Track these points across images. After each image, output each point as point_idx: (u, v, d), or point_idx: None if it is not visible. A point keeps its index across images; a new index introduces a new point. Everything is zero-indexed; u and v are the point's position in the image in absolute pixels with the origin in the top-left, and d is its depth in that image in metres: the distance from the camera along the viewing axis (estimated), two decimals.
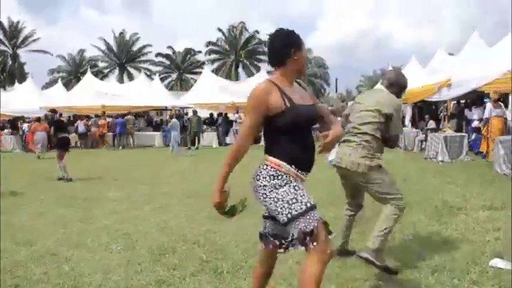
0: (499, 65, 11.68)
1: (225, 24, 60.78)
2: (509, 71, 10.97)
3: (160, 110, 29.07)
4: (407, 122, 18.38)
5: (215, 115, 24.46)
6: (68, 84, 42.17)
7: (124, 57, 54.85)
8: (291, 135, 2.69)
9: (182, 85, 53.29)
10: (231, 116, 23.16)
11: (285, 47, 2.67)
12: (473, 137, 13.84)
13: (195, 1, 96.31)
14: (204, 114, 24.00)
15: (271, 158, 2.75)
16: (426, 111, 18.98)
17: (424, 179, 9.34)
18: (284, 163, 2.69)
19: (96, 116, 23.07)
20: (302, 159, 2.73)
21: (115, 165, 14.08)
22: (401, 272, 3.84)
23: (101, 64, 55.53)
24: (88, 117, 23.51)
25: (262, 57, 55.04)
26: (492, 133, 11.41)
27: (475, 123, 14.38)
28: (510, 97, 12.71)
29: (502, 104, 12.27)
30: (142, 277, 3.90)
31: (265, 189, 2.73)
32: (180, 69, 56.14)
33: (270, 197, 2.70)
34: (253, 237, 4.95)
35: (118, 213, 6.56)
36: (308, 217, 2.62)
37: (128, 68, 55.64)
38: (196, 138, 20.37)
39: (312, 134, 2.88)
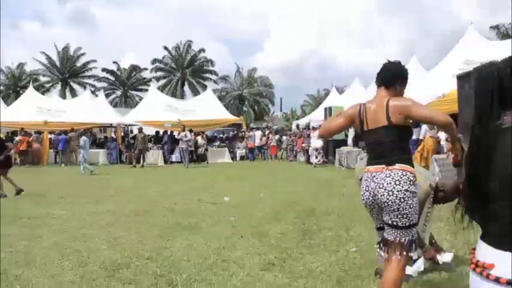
0: (435, 88, 12.41)
1: (171, 42, 60.92)
2: (444, 95, 11.68)
3: (105, 127, 28.60)
4: (349, 141, 19.06)
5: (161, 133, 24.37)
6: (6, 99, 40.57)
7: (67, 72, 53.47)
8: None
9: (127, 102, 52.63)
10: (177, 134, 23.11)
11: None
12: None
13: (141, 18, 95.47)
14: (149, 131, 23.83)
15: (408, 167, 3.01)
16: None
17: None
18: None
19: (38, 132, 22.37)
20: None
21: (58, 182, 13.76)
22: (345, 279, 4.09)
23: (43, 79, 53.71)
24: (26, 133, 22.56)
25: (207, 75, 55.43)
26: (426, 151, 12.10)
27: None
28: None
29: (435, 126, 13.01)
30: None
31: (412, 195, 2.95)
32: (125, 85, 55.38)
33: (410, 203, 2.94)
34: (203, 253, 5.13)
35: (66, 231, 6.47)
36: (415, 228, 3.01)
37: (71, 83, 54.26)
38: (142, 156, 20.17)
39: None
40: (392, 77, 3.30)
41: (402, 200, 2.92)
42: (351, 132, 19.33)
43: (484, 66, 1.64)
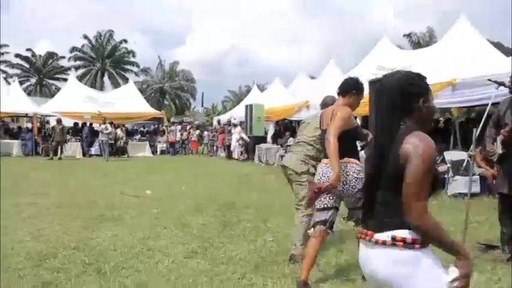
0: None
1: (92, 31, 58.96)
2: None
3: (17, 117, 27.38)
4: (269, 138, 19.73)
5: (80, 124, 23.76)
6: None
7: None
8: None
9: (42, 91, 50.16)
10: (96, 127, 22.62)
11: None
12: None
13: (59, 3, 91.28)
14: (68, 123, 23.12)
15: (351, 159, 3.93)
16: (286, 128, 20.43)
17: (282, 190, 10.26)
18: None
19: None
20: None
21: None
22: (264, 266, 4.54)
23: None
24: None
25: (128, 67, 54.16)
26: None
27: None
28: (358, 119, 14.42)
29: None
30: (27, 281, 4.07)
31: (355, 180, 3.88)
32: (41, 73, 52.62)
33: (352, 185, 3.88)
34: (128, 243, 5.38)
35: None
36: None
37: None
38: (60, 148, 19.61)
39: None
40: (347, 88, 4.19)
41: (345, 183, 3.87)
42: (271, 130, 20.05)
43: (385, 78, 2.07)
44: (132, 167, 16.63)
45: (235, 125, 20.87)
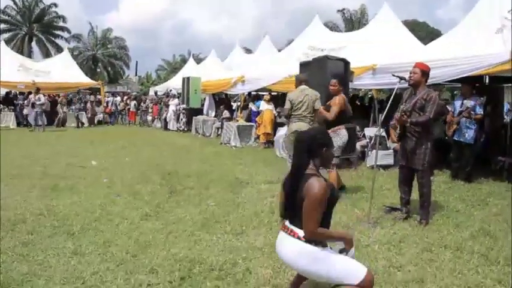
0: (285, 68, 14.11)
1: None
2: (290, 76, 13.49)
3: None
4: (205, 111, 20.45)
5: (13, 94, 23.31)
6: None
7: None
8: None
9: None
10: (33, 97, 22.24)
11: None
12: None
13: None
14: None
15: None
16: (222, 101, 21.21)
17: (220, 160, 11.20)
18: None
19: None
20: None
21: None
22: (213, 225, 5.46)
23: None
24: None
25: (58, 32, 52.16)
26: (265, 121, 14.32)
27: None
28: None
29: (272, 102, 15.24)
30: (5, 242, 4.71)
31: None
32: None
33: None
34: (88, 209, 6.13)
35: None
36: None
37: None
38: None
39: None
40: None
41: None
42: (207, 102, 20.73)
43: (302, 133, 3.26)
44: (72, 137, 16.87)
45: (173, 96, 21.35)
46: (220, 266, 4.11)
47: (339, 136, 6.96)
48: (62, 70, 24.15)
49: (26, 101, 21.21)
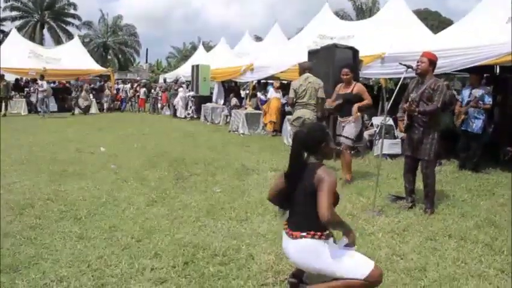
0: (293, 56, 14.06)
1: None
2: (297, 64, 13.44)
3: None
4: (214, 98, 20.48)
5: (24, 80, 23.42)
6: None
7: None
8: None
9: None
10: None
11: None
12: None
13: None
14: (9, 78, 22.71)
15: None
16: (231, 89, 21.17)
17: (227, 148, 11.24)
18: None
19: None
20: None
21: None
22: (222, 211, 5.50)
23: None
24: None
25: (69, 19, 52.23)
26: (271, 109, 14.21)
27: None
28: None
29: (280, 90, 15.11)
30: (15, 225, 4.82)
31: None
32: None
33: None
34: (95, 194, 6.20)
35: None
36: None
37: None
38: (4, 104, 19.44)
39: None
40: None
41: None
42: (216, 89, 20.74)
43: (298, 132, 3.29)
44: (81, 124, 16.97)
45: (182, 84, 21.37)
46: (224, 252, 4.14)
47: (357, 123, 7.17)
48: (73, 57, 24.21)
49: (31, 88, 21.35)
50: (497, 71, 11.20)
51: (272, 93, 14.93)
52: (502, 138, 9.72)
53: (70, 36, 45.45)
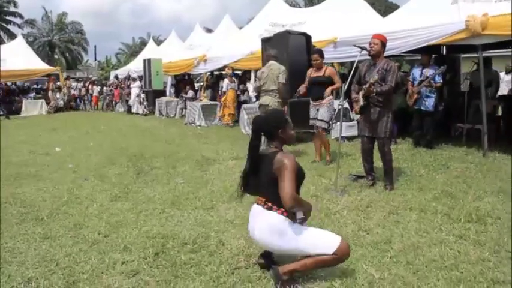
0: (245, 46, 14.11)
1: None
2: (252, 52, 13.48)
3: None
4: (168, 92, 20.27)
5: None
6: None
7: None
8: None
9: None
10: None
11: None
12: None
13: None
14: None
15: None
16: (185, 82, 21.01)
17: (185, 140, 11.18)
18: None
19: None
20: None
21: None
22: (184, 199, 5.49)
23: None
24: None
25: (10, 18, 50.11)
26: (228, 102, 14.20)
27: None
28: (252, 73, 15.44)
29: (235, 79, 15.10)
30: None
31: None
32: None
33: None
34: (56, 194, 6.05)
35: None
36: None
37: None
38: None
39: None
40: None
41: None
42: (169, 83, 20.54)
43: (257, 117, 3.46)
44: (32, 125, 16.46)
45: (134, 79, 21.03)
46: (194, 240, 4.15)
47: (330, 106, 7.54)
48: (17, 57, 23.26)
49: None
50: (444, 51, 11.60)
51: (228, 85, 14.86)
52: (452, 116, 10.12)
53: (12, 36, 43.68)
